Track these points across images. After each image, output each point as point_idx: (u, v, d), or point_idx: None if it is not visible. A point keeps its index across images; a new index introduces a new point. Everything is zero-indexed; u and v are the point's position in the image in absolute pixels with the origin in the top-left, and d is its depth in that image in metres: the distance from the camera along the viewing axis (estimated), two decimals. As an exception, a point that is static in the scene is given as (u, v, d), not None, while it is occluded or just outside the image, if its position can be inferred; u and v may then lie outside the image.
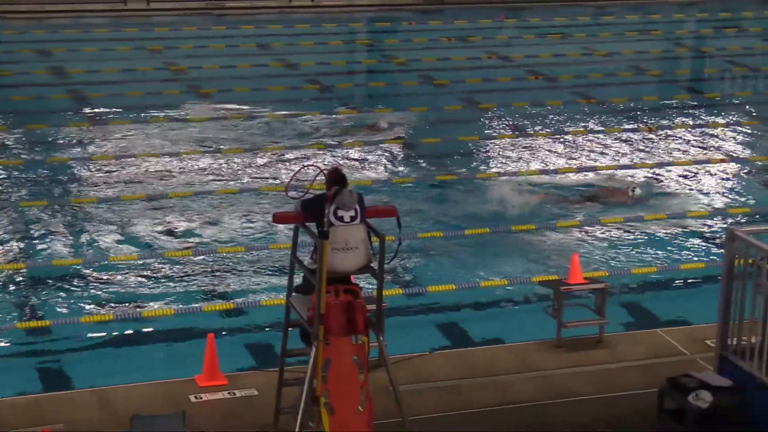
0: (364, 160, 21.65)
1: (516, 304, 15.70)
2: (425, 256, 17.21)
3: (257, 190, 19.75)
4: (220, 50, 30.50)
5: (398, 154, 22.15)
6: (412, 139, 23.03)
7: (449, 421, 11.60)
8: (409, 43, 32.60)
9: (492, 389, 12.29)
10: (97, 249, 17.15)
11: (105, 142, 22.46)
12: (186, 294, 15.76)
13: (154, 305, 15.33)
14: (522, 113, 25.16)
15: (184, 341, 14.37)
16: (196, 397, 11.93)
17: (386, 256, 10.18)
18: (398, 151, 22.34)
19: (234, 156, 21.65)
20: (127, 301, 15.48)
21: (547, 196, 19.75)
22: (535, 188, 20.00)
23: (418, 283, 16.23)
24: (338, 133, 23.27)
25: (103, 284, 16.01)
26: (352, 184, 10.75)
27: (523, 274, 16.34)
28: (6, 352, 14.12)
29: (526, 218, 18.55)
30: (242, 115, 24.41)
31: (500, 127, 24.31)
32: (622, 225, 18.51)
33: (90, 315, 14.93)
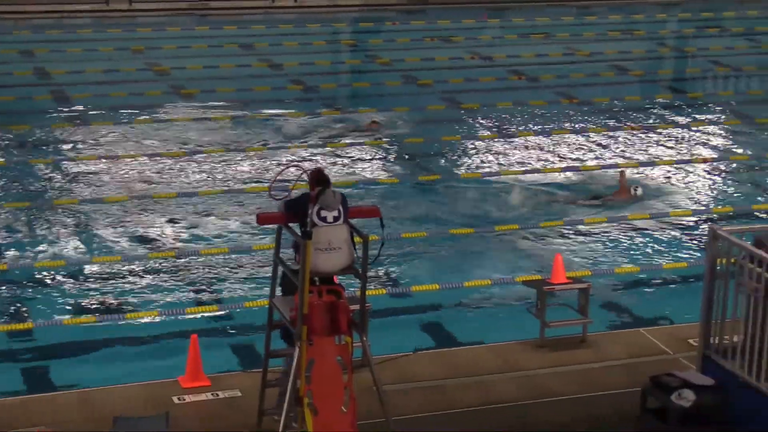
0: (348, 160, 21.63)
1: (499, 304, 15.70)
2: (408, 257, 17.22)
3: (240, 190, 19.72)
4: (204, 50, 30.46)
5: (381, 154, 22.15)
6: (395, 139, 23.03)
7: (433, 421, 11.61)
8: (393, 43, 32.60)
9: (475, 389, 12.29)
10: (79, 250, 17.11)
11: (88, 143, 22.41)
12: (169, 295, 15.73)
13: (137, 306, 15.30)
14: (505, 113, 25.19)
15: (167, 342, 14.34)
16: (179, 399, 11.90)
17: (369, 256, 10.18)
18: (381, 151, 22.34)
19: (217, 156, 21.62)
20: (110, 303, 15.45)
21: (551, 196, 19.77)
22: (528, 188, 20.03)
23: (402, 283, 16.24)
24: (322, 134, 23.26)
25: (86, 286, 15.97)
26: (334, 184, 10.74)
27: (506, 274, 16.36)
28: (-12, 354, 14.10)
29: (510, 219, 18.58)
30: (225, 116, 24.37)
31: (483, 127, 24.34)
32: (605, 225, 18.55)
33: (73, 317, 14.89)
